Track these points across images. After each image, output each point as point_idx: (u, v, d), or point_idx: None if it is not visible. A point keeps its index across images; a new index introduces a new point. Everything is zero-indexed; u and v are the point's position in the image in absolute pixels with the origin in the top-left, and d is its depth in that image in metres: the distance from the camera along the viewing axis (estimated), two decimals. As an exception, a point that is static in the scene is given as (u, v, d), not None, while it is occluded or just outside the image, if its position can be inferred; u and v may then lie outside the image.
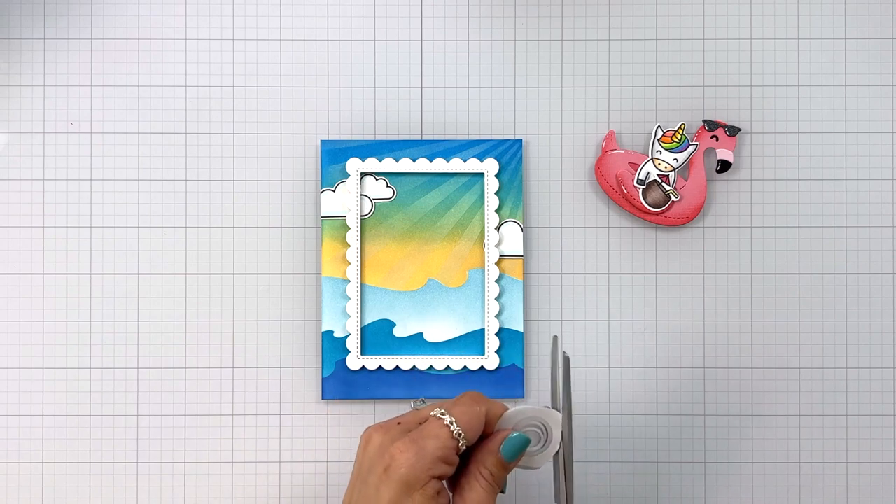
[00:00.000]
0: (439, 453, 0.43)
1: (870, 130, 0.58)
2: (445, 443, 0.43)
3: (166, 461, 0.57)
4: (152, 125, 0.57)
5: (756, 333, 0.57)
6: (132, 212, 0.57)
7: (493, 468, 0.45)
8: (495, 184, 0.56)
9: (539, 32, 0.58)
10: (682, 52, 0.58)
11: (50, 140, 0.57)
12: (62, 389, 0.57)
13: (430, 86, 0.58)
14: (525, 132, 0.57)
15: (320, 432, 0.57)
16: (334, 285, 0.56)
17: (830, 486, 0.57)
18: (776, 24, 0.58)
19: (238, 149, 0.57)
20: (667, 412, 0.57)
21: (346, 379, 0.56)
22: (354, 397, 0.56)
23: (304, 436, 0.57)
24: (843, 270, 0.57)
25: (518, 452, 0.45)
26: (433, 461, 0.43)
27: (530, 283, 0.57)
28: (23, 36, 0.58)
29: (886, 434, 0.57)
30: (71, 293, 0.57)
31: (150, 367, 0.57)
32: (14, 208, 0.57)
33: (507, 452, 0.45)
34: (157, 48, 0.57)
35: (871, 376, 0.57)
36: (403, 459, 0.42)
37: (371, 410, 0.57)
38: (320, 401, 0.57)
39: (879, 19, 0.58)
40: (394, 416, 0.49)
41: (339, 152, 0.56)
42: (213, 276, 0.57)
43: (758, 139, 0.58)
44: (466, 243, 0.57)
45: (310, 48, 0.58)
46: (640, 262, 0.57)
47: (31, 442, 0.57)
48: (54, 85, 0.57)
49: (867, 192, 0.58)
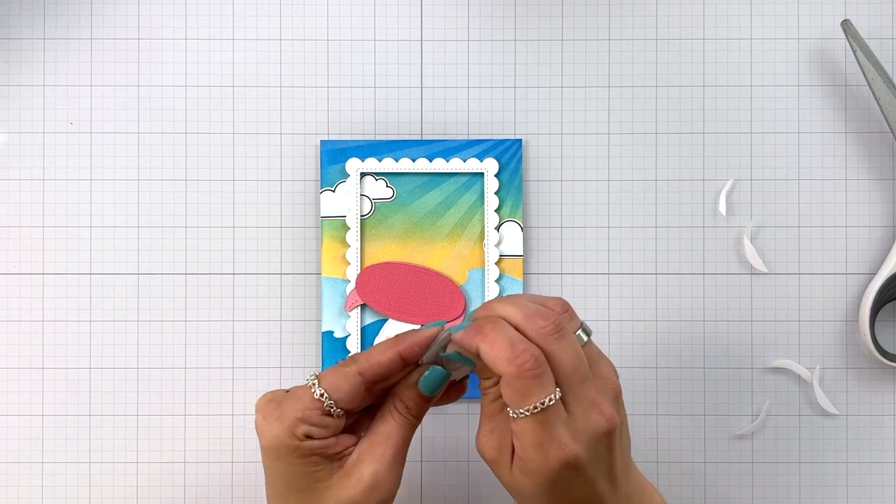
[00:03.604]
0: (299, 415, 0.43)
1: (870, 130, 0.58)
2: (306, 405, 0.43)
3: (166, 461, 0.57)
4: (152, 125, 0.57)
5: (756, 334, 0.57)
6: (132, 212, 0.57)
7: (409, 401, 0.45)
8: (495, 184, 0.56)
9: (539, 32, 0.58)
10: (682, 52, 0.58)
11: (50, 140, 0.57)
12: (62, 389, 0.57)
13: (430, 86, 0.58)
14: (525, 132, 0.57)
15: (320, 432, 0.57)
16: (334, 285, 0.56)
17: (830, 486, 0.57)
18: (776, 24, 0.58)
19: (238, 149, 0.57)
20: (666, 412, 0.57)
21: (346, 379, 0.56)
22: (354, 397, 0.56)
23: (304, 436, 0.57)
24: (843, 270, 0.57)
25: (437, 386, 0.45)
26: (293, 423, 0.43)
27: (530, 283, 0.57)
28: (23, 36, 0.58)
29: (886, 434, 0.57)
30: (71, 293, 0.57)
31: (150, 367, 0.57)
32: (14, 208, 0.57)
33: (426, 387, 0.45)
34: (157, 48, 0.57)
35: (872, 376, 0.57)
36: (265, 428, 0.44)
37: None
38: (320, 401, 0.57)
39: (880, 19, 0.58)
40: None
41: (338, 152, 0.56)
42: (213, 276, 0.57)
43: (757, 139, 0.58)
44: (466, 243, 0.57)
45: (310, 48, 0.58)
46: (640, 262, 0.57)
47: (30, 442, 0.57)
48: (54, 85, 0.57)
49: (867, 192, 0.57)
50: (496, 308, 0.43)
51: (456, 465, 0.57)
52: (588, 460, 0.42)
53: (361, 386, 0.44)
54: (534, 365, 0.41)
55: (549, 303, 0.44)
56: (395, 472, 0.45)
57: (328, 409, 0.44)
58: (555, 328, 0.42)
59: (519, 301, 0.43)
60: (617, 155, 0.58)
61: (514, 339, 0.41)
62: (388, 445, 0.44)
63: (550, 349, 0.42)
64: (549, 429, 0.41)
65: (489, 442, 0.44)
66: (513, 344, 0.41)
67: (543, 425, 0.41)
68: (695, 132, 0.58)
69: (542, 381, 0.41)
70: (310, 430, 0.43)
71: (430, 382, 0.45)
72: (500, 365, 0.41)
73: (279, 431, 0.43)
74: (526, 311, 0.42)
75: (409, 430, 0.45)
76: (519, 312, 0.42)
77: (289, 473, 0.44)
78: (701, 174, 0.58)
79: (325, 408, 0.44)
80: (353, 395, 0.44)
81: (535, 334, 0.42)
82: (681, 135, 0.58)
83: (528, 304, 0.43)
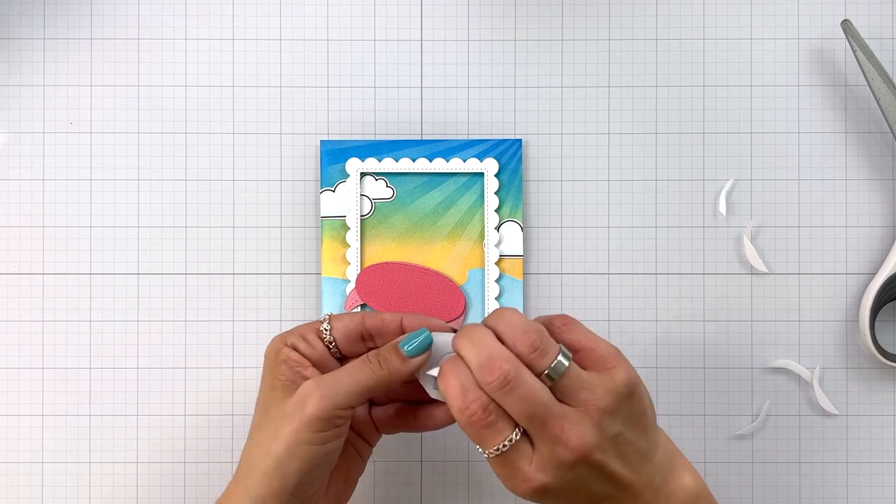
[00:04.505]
0: (297, 329, 0.47)
1: (870, 130, 0.58)
2: (308, 324, 0.48)
3: (166, 461, 0.57)
4: (152, 125, 0.57)
5: (756, 334, 0.57)
6: (132, 212, 0.57)
7: (386, 352, 0.46)
8: (495, 184, 0.56)
9: (539, 32, 0.58)
10: (682, 52, 0.58)
11: (50, 140, 0.57)
12: (62, 389, 0.57)
13: (430, 86, 0.58)
14: (525, 132, 0.57)
15: (320, 432, 0.57)
16: (334, 285, 0.56)
17: (830, 486, 0.57)
18: (776, 24, 0.58)
19: (238, 149, 0.57)
20: (666, 412, 0.57)
21: (346, 379, 0.56)
22: (354, 397, 0.56)
23: (304, 436, 0.57)
24: (843, 270, 0.57)
25: (418, 347, 0.46)
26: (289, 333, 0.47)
27: (530, 283, 0.57)
28: (23, 36, 0.58)
29: (886, 434, 0.57)
30: (71, 293, 0.57)
31: (150, 367, 0.57)
32: (14, 208, 0.57)
33: (406, 342, 0.46)
34: (157, 48, 0.57)
35: (872, 376, 0.57)
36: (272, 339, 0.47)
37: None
38: (320, 401, 0.57)
39: (880, 19, 0.58)
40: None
41: (338, 152, 0.56)
42: (213, 276, 0.57)
43: (758, 139, 0.58)
44: (466, 243, 0.57)
45: (310, 48, 0.58)
46: (640, 262, 0.57)
47: (30, 442, 0.57)
48: (54, 85, 0.57)
49: (867, 192, 0.57)
50: (462, 343, 0.43)
51: (456, 465, 0.57)
52: (561, 484, 0.43)
53: (360, 328, 0.47)
54: (483, 415, 0.42)
55: (521, 336, 0.43)
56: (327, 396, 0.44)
57: (322, 333, 0.47)
58: (501, 383, 0.42)
59: (482, 339, 0.43)
60: (617, 155, 0.58)
61: (466, 385, 0.42)
62: (335, 373, 0.46)
63: (501, 402, 0.42)
64: (512, 466, 0.43)
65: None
66: (464, 392, 0.42)
67: (505, 465, 0.43)
68: (695, 132, 0.58)
69: (494, 428, 0.42)
70: (297, 343, 0.46)
71: (410, 340, 0.46)
72: (453, 413, 0.43)
73: (277, 338, 0.47)
74: (480, 358, 0.42)
75: (367, 373, 0.45)
76: (475, 358, 0.43)
77: (264, 378, 0.47)
78: (701, 174, 0.58)
79: (321, 330, 0.47)
80: (349, 331, 0.47)
81: (485, 387, 0.42)
82: (681, 135, 0.58)
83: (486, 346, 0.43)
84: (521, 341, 0.43)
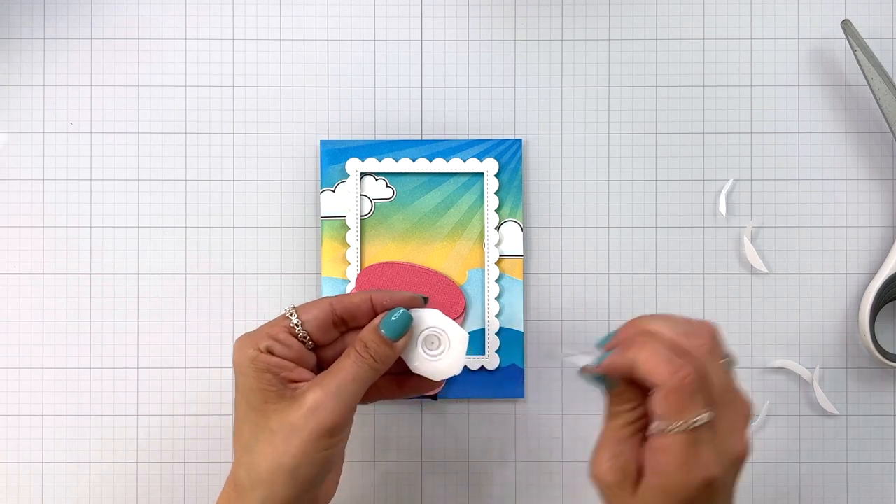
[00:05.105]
0: (267, 330, 0.46)
1: (870, 130, 0.58)
2: (276, 323, 0.46)
3: (166, 461, 0.57)
4: (152, 125, 0.57)
5: (756, 334, 0.57)
6: (132, 212, 0.57)
7: (370, 341, 0.46)
8: (495, 183, 0.56)
9: (539, 32, 0.58)
10: (682, 52, 0.58)
11: (50, 140, 0.57)
12: (62, 389, 0.57)
13: (430, 86, 0.58)
14: (525, 132, 0.57)
15: (320, 432, 0.57)
16: (334, 285, 0.56)
17: (830, 486, 0.57)
18: (776, 24, 0.58)
19: (238, 149, 0.57)
20: (667, 412, 0.57)
21: (346, 379, 0.56)
22: (354, 397, 0.56)
23: (304, 436, 0.57)
24: (843, 270, 0.57)
25: (398, 330, 0.46)
26: (260, 336, 0.45)
27: (530, 283, 0.57)
28: (23, 36, 0.58)
29: (886, 434, 0.57)
30: (71, 293, 0.57)
31: (149, 367, 0.57)
32: (14, 208, 0.57)
33: (386, 326, 0.46)
34: (157, 48, 0.58)
35: (872, 376, 0.57)
36: (237, 345, 0.46)
37: (370, 410, 0.57)
38: (320, 401, 0.57)
39: (880, 19, 0.58)
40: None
41: (338, 152, 0.56)
42: (212, 276, 0.57)
43: (758, 139, 0.58)
44: (466, 243, 0.57)
45: (310, 48, 0.58)
46: (640, 262, 0.57)
47: (30, 442, 0.57)
48: (54, 85, 0.57)
49: (867, 192, 0.57)
50: (647, 324, 0.44)
51: (456, 465, 0.57)
52: (722, 485, 0.42)
53: (330, 316, 0.47)
54: (695, 378, 0.41)
55: (697, 325, 0.44)
56: (339, 402, 0.45)
57: (294, 329, 0.46)
58: (711, 346, 0.43)
59: (669, 319, 0.44)
60: (617, 155, 0.58)
61: (669, 354, 0.42)
62: (336, 376, 0.45)
63: (707, 368, 0.42)
64: (697, 448, 0.41)
65: (614, 465, 0.43)
66: (671, 358, 0.41)
67: (692, 444, 0.41)
68: (695, 132, 0.58)
69: (699, 396, 0.41)
70: (272, 346, 0.45)
71: (390, 323, 0.46)
72: (659, 377, 0.41)
73: (245, 343, 0.46)
74: (679, 328, 0.43)
75: (364, 369, 0.46)
76: (673, 329, 0.43)
77: (245, 388, 0.45)
78: (701, 174, 0.58)
79: (292, 327, 0.46)
80: (320, 322, 0.46)
81: (696, 350, 0.42)
82: (681, 135, 0.58)
83: (680, 322, 0.43)
84: (698, 326, 0.44)
